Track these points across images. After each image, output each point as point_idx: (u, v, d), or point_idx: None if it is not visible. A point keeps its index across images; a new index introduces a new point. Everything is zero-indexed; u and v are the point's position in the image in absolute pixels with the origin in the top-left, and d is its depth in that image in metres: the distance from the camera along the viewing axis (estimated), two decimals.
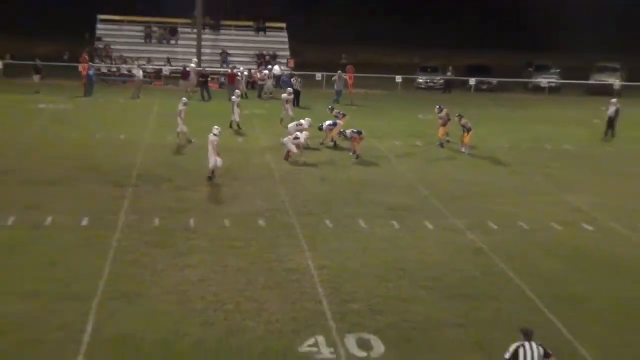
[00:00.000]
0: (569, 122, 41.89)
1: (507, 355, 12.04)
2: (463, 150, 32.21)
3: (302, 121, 31.33)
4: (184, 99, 33.12)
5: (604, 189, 27.29)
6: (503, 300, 16.91)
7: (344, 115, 33.21)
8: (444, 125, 33.45)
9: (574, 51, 63.67)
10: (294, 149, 29.10)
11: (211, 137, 25.62)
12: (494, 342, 14.37)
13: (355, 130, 30.82)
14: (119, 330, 14.69)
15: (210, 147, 25.60)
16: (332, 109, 34.41)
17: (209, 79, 47.03)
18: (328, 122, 32.50)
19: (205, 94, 44.65)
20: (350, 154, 30.41)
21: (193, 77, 47.24)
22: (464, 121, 32.41)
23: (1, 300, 15.76)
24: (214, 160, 25.54)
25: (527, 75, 57.14)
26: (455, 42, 68.40)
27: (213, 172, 25.78)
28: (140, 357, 13.78)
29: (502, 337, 13.43)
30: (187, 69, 47.54)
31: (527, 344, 12.00)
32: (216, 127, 26.28)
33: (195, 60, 50.50)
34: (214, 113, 38.76)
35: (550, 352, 12.15)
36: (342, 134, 31.54)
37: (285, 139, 29.55)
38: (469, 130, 32.15)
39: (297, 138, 29.37)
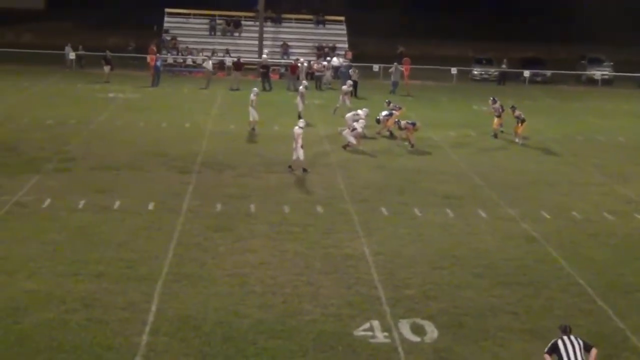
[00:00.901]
0: (622, 115, 41.56)
1: (546, 349, 12.04)
2: (516, 140, 32.31)
3: (359, 111, 31.69)
4: (255, 88, 33.72)
5: None
6: (555, 288, 17.04)
7: (400, 108, 33.54)
8: (498, 116, 33.58)
9: (627, 44, 62.72)
10: (353, 141, 29.53)
11: (296, 129, 25.97)
12: (547, 330, 14.49)
13: (409, 122, 31.19)
14: (181, 310, 15.14)
15: (296, 139, 25.85)
16: (389, 102, 34.65)
17: (270, 70, 47.57)
18: (384, 113, 32.81)
19: (267, 84, 45.20)
20: (405, 143, 30.75)
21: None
22: (517, 112, 32.55)
23: (71, 280, 16.39)
24: (300, 152, 25.89)
25: (581, 68, 56.46)
26: (510, 34, 67.78)
27: (300, 164, 26.06)
28: (201, 336, 14.17)
29: (555, 324, 13.44)
30: (241, 59, 48.18)
31: (565, 338, 11.98)
32: (301, 119, 26.74)
33: (266, 51, 51.31)
34: (275, 102, 39.29)
35: (592, 344, 12.11)
36: (396, 123, 31.87)
37: (345, 131, 30.00)
38: (522, 121, 32.25)
39: (354, 129, 29.79)
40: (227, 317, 14.94)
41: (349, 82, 39.95)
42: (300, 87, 36.48)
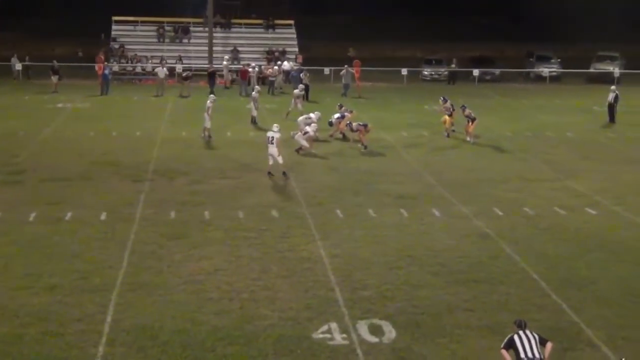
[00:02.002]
0: (570, 110, 42.12)
1: (503, 345, 12.20)
2: (468, 139, 32.60)
3: (311, 115, 31.82)
4: (212, 95, 33.58)
5: (606, 174, 27.56)
6: (510, 284, 17.21)
7: (352, 112, 33.64)
8: (449, 115, 33.89)
9: (574, 41, 63.82)
10: (305, 144, 29.54)
11: (275, 134, 25.85)
12: (503, 325, 14.66)
13: (361, 123, 31.32)
14: (137, 320, 15.03)
15: (274, 145, 25.81)
16: (341, 106, 34.71)
17: (217, 75, 47.30)
18: (336, 115, 32.90)
19: (212, 89, 44.83)
20: (358, 145, 30.85)
21: (226, 74, 48.48)
22: (467, 111, 32.89)
23: (24, 293, 16.14)
24: (281, 158, 25.83)
25: (529, 65, 57.31)
26: (459, 34, 68.46)
27: (277, 168, 26.03)
28: (159, 345, 14.07)
29: (511, 319, 13.61)
30: (188, 73, 47.90)
31: (521, 332, 12.16)
32: (275, 124, 26.65)
33: (227, 57, 51.18)
34: (226, 108, 38.83)
35: (547, 338, 12.32)
36: (348, 125, 31.97)
37: (297, 135, 30.00)
38: (472, 119, 32.58)
39: (306, 132, 29.83)
40: (184, 325, 14.83)
41: (301, 85, 40.03)
42: (253, 92, 36.48)
